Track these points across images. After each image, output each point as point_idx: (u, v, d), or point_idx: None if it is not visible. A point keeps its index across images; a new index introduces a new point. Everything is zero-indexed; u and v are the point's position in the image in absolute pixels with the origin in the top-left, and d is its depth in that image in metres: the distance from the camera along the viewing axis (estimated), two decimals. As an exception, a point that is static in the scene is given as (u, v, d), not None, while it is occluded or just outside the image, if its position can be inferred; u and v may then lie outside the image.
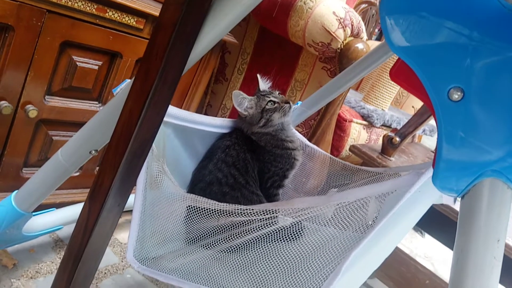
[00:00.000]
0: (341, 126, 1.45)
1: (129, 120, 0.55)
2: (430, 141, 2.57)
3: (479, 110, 0.38)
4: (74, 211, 1.00)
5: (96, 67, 1.00)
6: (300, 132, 1.31)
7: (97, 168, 1.17)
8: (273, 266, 0.66)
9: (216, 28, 0.56)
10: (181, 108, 1.27)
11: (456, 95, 0.39)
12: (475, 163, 0.39)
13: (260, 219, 0.65)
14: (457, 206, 0.42)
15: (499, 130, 0.38)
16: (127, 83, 0.62)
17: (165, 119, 0.79)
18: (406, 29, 0.41)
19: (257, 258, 0.69)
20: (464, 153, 0.39)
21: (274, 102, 0.94)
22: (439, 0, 0.40)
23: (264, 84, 1.01)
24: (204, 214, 0.70)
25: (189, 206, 0.72)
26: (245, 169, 0.92)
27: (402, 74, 0.43)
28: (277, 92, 0.98)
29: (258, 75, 1.01)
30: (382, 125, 1.58)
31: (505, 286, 1.10)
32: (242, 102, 0.93)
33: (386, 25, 0.42)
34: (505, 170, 0.38)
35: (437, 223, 1.21)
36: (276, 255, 0.68)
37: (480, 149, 0.39)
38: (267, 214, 0.65)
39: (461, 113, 0.39)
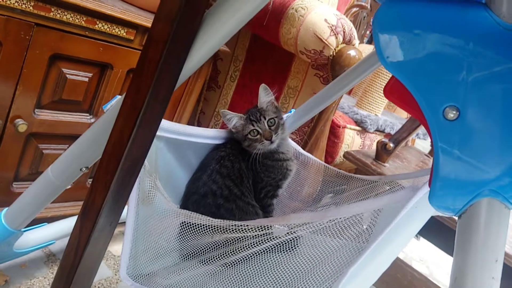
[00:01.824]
0: (334, 132, 1.45)
1: (120, 139, 0.54)
2: (424, 143, 2.58)
3: (475, 128, 0.38)
4: (66, 225, 0.98)
5: (87, 79, 0.98)
6: (294, 139, 1.30)
7: (89, 180, 1.16)
8: (270, 282, 0.66)
9: (208, 44, 0.55)
10: (173, 116, 1.26)
11: (452, 114, 0.38)
12: (472, 182, 0.39)
13: (255, 236, 0.65)
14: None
15: (495, 148, 0.38)
16: (117, 100, 0.61)
17: (157, 133, 0.78)
18: (399, 47, 0.40)
19: (254, 273, 0.68)
20: (461, 172, 0.39)
21: (257, 132, 0.91)
22: (433, 17, 0.39)
23: (265, 97, 0.94)
24: (198, 230, 0.69)
25: (182, 222, 0.71)
26: (240, 179, 0.91)
27: (397, 92, 0.42)
28: (268, 119, 0.91)
29: (262, 86, 0.94)
30: (376, 130, 1.58)
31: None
32: (231, 119, 0.92)
33: (379, 42, 0.41)
34: (502, 190, 0.38)
35: (432, 226, 1.21)
36: (274, 271, 0.67)
37: (476, 168, 0.38)
38: (262, 230, 0.64)
39: (457, 132, 0.38)
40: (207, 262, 0.72)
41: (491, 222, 0.38)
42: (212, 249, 0.71)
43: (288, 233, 0.67)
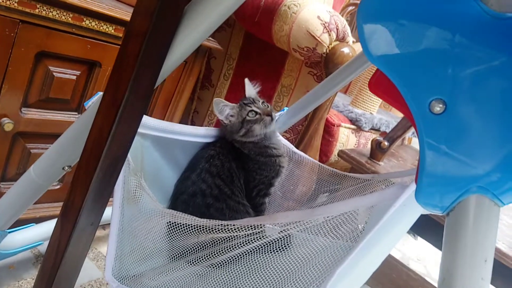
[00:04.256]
0: (329, 131, 1.43)
1: (99, 136, 0.52)
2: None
3: (462, 123, 0.36)
4: (53, 226, 0.96)
5: (74, 77, 0.97)
6: (287, 138, 1.29)
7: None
8: (259, 282, 0.64)
9: (190, 37, 0.53)
10: (165, 115, 1.24)
11: (438, 108, 0.36)
12: (459, 178, 0.37)
13: (243, 235, 0.63)
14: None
15: (484, 143, 0.36)
16: (98, 96, 0.59)
17: (143, 131, 0.76)
18: (384, 38, 0.39)
19: (242, 273, 0.66)
20: (448, 168, 0.37)
21: (256, 113, 0.90)
22: (419, 7, 0.38)
23: (251, 89, 0.96)
24: (185, 230, 0.67)
25: (169, 222, 0.69)
26: (230, 179, 0.89)
27: (382, 86, 0.41)
28: (261, 102, 0.94)
29: (246, 80, 0.97)
30: (371, 128, 1.56)
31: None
32: (223, 109, 0.90)
33: (363, 34, 0.40)
34: (491, 186, 0.36)
35: (430, 225, 1.20)
36: (262, 271, 0.65)
37: (464, 164, 0.37)
38: (249, 229, 0.62)
39: (443, 126, 0.37)
40: (194, 262, 0.70)
41: (480, 220, 0.36)
42: (199, 249, 0.69)
43: (280, 232, 0.65)
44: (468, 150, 0.37)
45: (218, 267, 0.69)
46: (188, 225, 0.67)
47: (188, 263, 0.72)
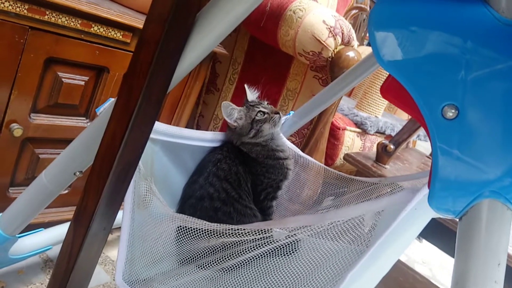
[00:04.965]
0: (334, 134, 1.44)
1: (112, 142, 0.53)
2: (425, 145, 2.57)
3: (474, 128, 0.37)
4: (63, 231, 0.97)
5: (83, 83, 0.97)
6: (293, 142, 1.29)
7: (87, 184, 1.14)
8: (270, 286, 0.64)
9: (201, 44, 0.54)
10: (172, 119, 1.25)
11: (450, 113, 0.37)
12: (472, 183, 0.37)
13: (253, 240, 0.63)
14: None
15: (496, 148, 0.36)
16: (110, 102, 0.60)
17: (153, 136, 0.77)
18: (396, 45, 0.39)
19: (253, 278, 0.67)
20: (461, 173, 0.38)
21: (264, 112, 0.93)
22: (430, 14, 0.38)
23: (251, 94, 0.99)
24: (194, 235, 0.68)
25: (179, 226, 0.70)
26: (237, 182, 0.90)
27: (394, 91, 0.41)
28: (266, 102, 0.97)
29: (246, 85, 1.00)
30: (376, 132, 1.57)
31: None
32: (232, 113, 0.92)
33: (375, 40, 0.40)
34: (503, 191, 0.36)
35: (434, 229, 1.20)
36: (273, 275, 0.65)
37: (477, 168, 0.37)
38: (259, 234, 0.63)
39: (456, 131, 0.37)
40: (204, 266, 0.71)
41: (492, 224, 0.37)
42: (209, 253, 0.70)
43: (287, 236, 0.66)
44: (480, 155, 0.37)
45: (228, 271, 0.69)
46: (198, 229, 0.68)
47: (198, 267, 0.72)
